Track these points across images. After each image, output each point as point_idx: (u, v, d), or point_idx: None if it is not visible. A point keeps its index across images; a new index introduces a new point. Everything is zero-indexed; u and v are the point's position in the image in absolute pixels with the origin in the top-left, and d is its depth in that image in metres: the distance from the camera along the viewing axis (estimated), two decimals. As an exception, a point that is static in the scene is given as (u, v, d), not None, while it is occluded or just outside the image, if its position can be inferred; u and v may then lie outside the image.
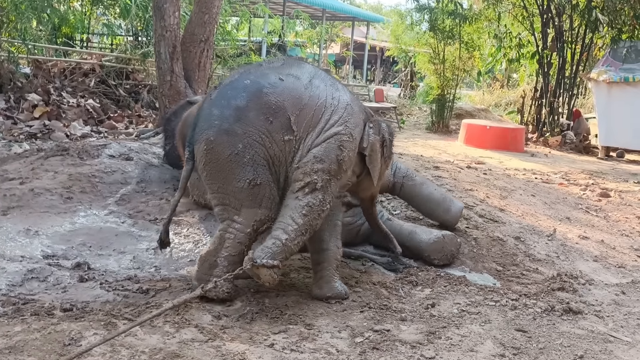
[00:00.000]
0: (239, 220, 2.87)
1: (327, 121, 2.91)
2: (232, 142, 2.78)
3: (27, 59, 8.87)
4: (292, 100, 2.86)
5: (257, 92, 2.85)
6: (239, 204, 2.85)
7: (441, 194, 4.26)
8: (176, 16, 5.98)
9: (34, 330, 2.42)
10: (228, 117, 2.81)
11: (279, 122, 2.82)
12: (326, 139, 2.88)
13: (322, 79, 3.02)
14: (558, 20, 11.18)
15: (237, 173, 2.80)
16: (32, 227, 3.67)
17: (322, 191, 2.85)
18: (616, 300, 3.39)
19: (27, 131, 6.83)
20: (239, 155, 2.78)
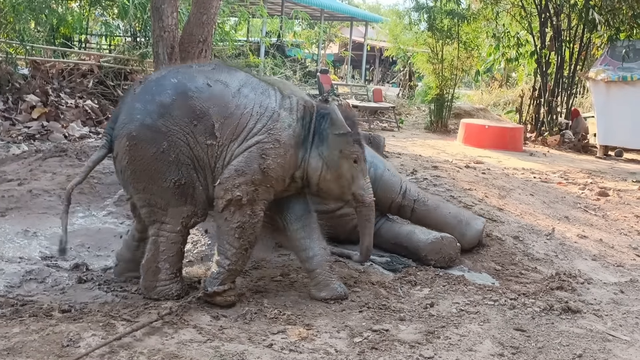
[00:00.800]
0: (167, 221, 2.84)
1: (250, 130, 2.84)
2: (157, 139, 2.73)
3: (25, 60, 8.86)
4: (217, 108, 2.81)
5: (183, 93, 2.79)
6: (165, 203, 2.81)
7: (456, 218, 3.99)
8: (174, 17, 5.96)
9: (32, 332, 2.41)
10: (151, 112, 2.75)
11: (203, 126, 2.78)
12: (247, 148, 2.82)
13: (252, 88, 2.94)
14: (556, 20, 11.20)
15: (163, 172, 2.75)
16: (30, 228, 3.67)
17: (249, 205, 2.81)
18: (615, 299, 3.39)
19: (25, 132, 6.83)
20: (164, 154, 2.74)
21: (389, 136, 10.44)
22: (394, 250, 3.87)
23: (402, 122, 12.72)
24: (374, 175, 3.79)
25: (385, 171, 3.89)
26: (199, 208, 2.88)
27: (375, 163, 3.85)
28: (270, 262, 3.53)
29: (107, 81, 8.82)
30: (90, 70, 8.89)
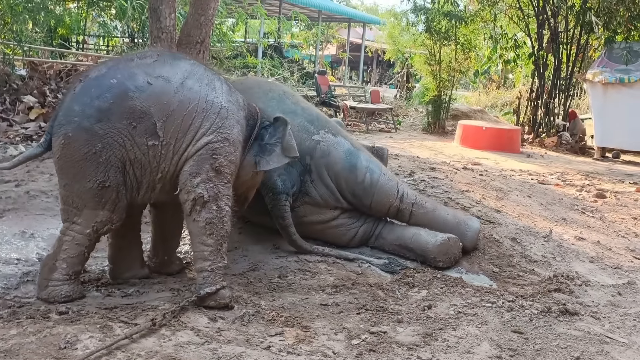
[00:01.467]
0: (79, 222, 2.80)
1: (198, 129, 2.84)
2: (91, 141, 2.71)
3: (23, 61, 8.84)
4: (159, 106, 2.77)
5: (122, 95, 2.75)
6: (82, 204, 2.78)
7: (455, 219, 4.00)
8: (172, 18, 5.96)
9: (29, 334, 2.41)
10: (89, 116, 2.72)
11: (143, 126, 2.76)
12: (197, 151, 2.84)
13: (197, 79, 2.91)
14: (553, 22, 11.22)
15: (89, 173, 2.73)
16: (27, 230, 3.66)
17: (212, 201, 2.85)
18: (612, 302, 3.39)
19: (22, 133, 6.81)
20: (95, 155, 2.72)
21: (386, 137, 10.46)
22: (397, 252, 3.86)
23: (400, 124, 12.73)
24: (370, 180, 3.79)
25: (381, 176, 3.85)
26: (116, 215, 2.84)
27: (371, 168, 3.84)
28: (267, 264, 3.52)
29: (105, 82, 8.80)
30: (88, 71, 8.87)
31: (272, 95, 3.90)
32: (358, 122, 12.26)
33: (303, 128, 3.73)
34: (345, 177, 3.73)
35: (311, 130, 3.76)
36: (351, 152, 3.81)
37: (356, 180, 3.75)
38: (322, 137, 3.75)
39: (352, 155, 3.80)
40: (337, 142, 3.79)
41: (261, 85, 4.08)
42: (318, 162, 3.68)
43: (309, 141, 3.71)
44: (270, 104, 3.77)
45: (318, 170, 3.68)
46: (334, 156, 3.73)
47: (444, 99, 11.93)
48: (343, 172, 3.73)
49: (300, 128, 3.72)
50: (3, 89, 7.56)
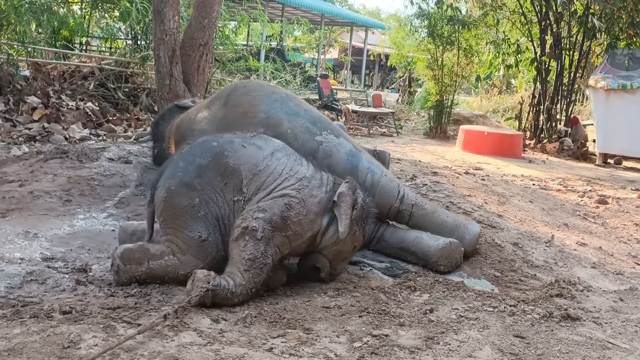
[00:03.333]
0: (180, 258, 3.05)
1: (278, 185, 3.07)
2: (191, 195, 3.01)
3: (27, 62, 8.87)
4: (248, 165, 3.08)
5: (219, 154, 3.10)
6: (187, 248, 3.04)
7: (454, 221, 4.00)
8: (176, 20, 6.00)
9: (33, 333, 2.41)
10: (191, 172, 3.05)
11: (232, 183, 3.05)
12: (273, 197, 3.03)
13: (286, 154, 3.23)
14: (556, 27, 11.24)
15: (190, 224, 3.02)
16: (31, 230, 3.67)
17: (263, 242, 2.93)
18: (614, 307, 3.39)
19: (26, 134, 6.84)
20: (194, 209, 3.01)
21: (388, 141, 10.48)
22: (399, 255, 3.87)
23: (401, 128, 12.75)
24: (372, 181, 3.80)
25: (382, 177, 3.87)
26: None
27: (372, 169, 3.85)
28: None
29: (108, 84, 8.84)
30: (91, 72, 8.91)
31: (275, 97, 3.93)
32: (360, 126, 12.29)
33: (306, 129, 3.76)
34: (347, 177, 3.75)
35: (314, 131, 3.79)
36: (353, 153, 3.84)
37: (357, 181, 3.71)
38: (324, 138, 3.78)
39: (353, 156, 3.83)
40: (339, 143, 3.82)
41: (264, 88, 4.12)
42: (321, 162, 3.68)
43: (311, 142, 3.73)
44: (274, 106, 3.81)
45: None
46: (335, 157, 3.76)
47: (446, 103, 11.95)
48: (345, 172, 3.72)
49: (303, 129, 3.75)
50: (7, 90, 7.60)
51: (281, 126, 3.72)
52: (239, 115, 3.81)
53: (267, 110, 3.80)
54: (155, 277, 3.06)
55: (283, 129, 3.71)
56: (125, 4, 9.32)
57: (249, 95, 3.96)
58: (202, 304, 2.82)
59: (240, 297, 2.92)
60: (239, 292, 2.89)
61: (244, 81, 4.44)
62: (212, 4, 6.15)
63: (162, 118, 4.64)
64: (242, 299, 2.93)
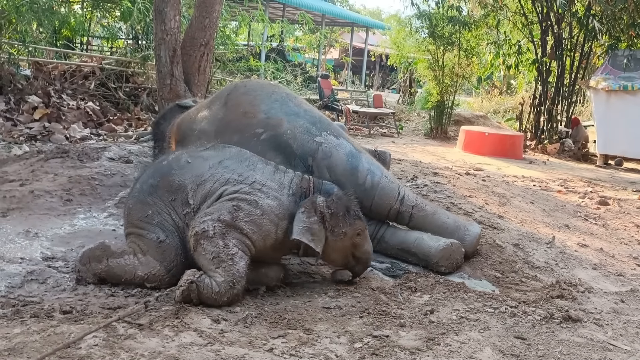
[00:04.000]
0: (140, 259, 3.08)
1: (225, 191, 3.07)
2: (144, 208, 3.13)
3: (28, 61, 8.87)
4: (192, 178, 3.13)
5: (166, 173, 3.18)
6: (147, 249, 3.09)
7: (455, 222, 3.97)
8: (177, 20, 5.99)
9: (33, 332, 2.41)
10: (144, 191, 3.18)
11: (180, 198, 3.11)
12: (221, 201, 3.04)
13: (238, 161, 3.21)
14: (557, 28, 11.24)
15: (148, 228, 3.10)
16: (31, 229, 3.67)
17: (219, 237, 2.92)
18: (615, 309, 3.39)
19: (27, 133, 6.84)
20: (148, 217, 3.11)
21: (388, 142, 10.48)
22: (400, 256, 3.86)
23: (402, 128, 12.75)
24: (372, 183, 3.78)
25: (382, 178, 3.85)
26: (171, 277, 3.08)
27: (372, 170, 3.83)
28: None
29: (109, 83, 8.84)
30: (92, 72, 8.91)
31: (275, 97, 3.92)
32: (360, 127, 12.28)
33: (306, 130, 3.75)
34: (347, 179, 3.70)
35: (314, 132, 3.77)
36: (353, 154, 3.81)
37: (357, 182, 3.73)
38: (324, 139, 3.76)
39: (353, 157, 3.80)
40: (339, 144, 3.79)
41: (264, 87, 4.10)
42: (320, 163, 3.68)
43: (311, 143, 3.72)
44: (274, 106, 3.80)
45: (320, 171, 3.67)
46: (335, 158, 3.73)
47: (447, 104, 11.95)
48: (344, 173, 3.72)
49: (303, 130, 3.73)
50: (8, 89, 7.60)
51: (281, 126, 3.71)
52: (239, 116, 3.80)
53: (267, 111, 3.78)
54: (113, 277, 3.08)
55: (282, 130, 3.70)
56: (126, 3, 9.33)
57: (249, 94, 3.94)
58: (189, 300, 2.82)
59: (227, 295, 2.88)
60: (223, 289, 2.86)
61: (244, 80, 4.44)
62: (213, 4, 6.14)
63: (163, 118, 4.64)
64: (231, 295, 2.89)
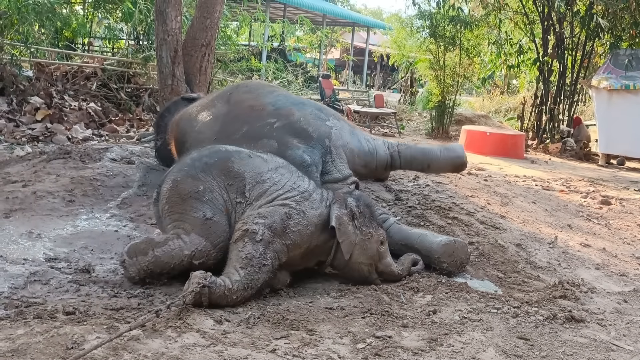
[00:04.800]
0: (184, 239, 3.07)
1: (280, 196, 3.19)
2: (195, 184, 3.13)
3: (30, 62, 8.88)
4: (252, 173, 3.22)
5: (225, 158, 3.27)
6: (191, 228, 3.09)
7: (438, 147, 4.67)
8: (178, 20, 6.00)
9: (36, 333, 2.41)
10: (197, 167, 3.21)
11: (236, 186, 3.18)
12: (274, 205, 3.15)
13: (290, 171, 3.36)
14: (559, 27, 11.22)
15: (195, 205, 3.10)
16: (34, 230, 3.67)
17: (262, 244, 2.99)
18: (618, 309, 3.38)
19: (29, 134, 6.84)
20: (199, 193, 3.11)
21: (390, 142, 10.45)
22: (404, 252, 3.87)
23: (403, 128, 12.74)
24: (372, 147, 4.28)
25: (374, 140, 4.40)
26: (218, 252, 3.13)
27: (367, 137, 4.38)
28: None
29: (111, 84, 8.84)
30: (93, 73, 8.91)
31: (276, 93, 4.28)
32: (362, 127, 12.27)
33: (316, 116, 4.07)
34: (358, 152, 4.18)
35: (322, 117, 4.10)
36: (351, 131, 4.26)
37: (365, 151, 4.23)
38: (332, 123, 4.10)
39: (353, 133, 4.24)
40: (342, 126, 4.20)
41: (265, 86, 4.46)
42: (336, 143, 3.99)
43: (324, 127, 4.02)
44: (279, 99, 4.14)
45: (337, 151, 3.99)
46: (345, 138, 4.11)
47: (448, 104, 11.94)
48: (356, 148, 4.16)
49: (314, 116, 4.06)
50: (10, 90, 7.60)
51: (293, 115, 3.96)
52: (246, 109, 4.02)
53: (274, 103, 4.07)
54: (161, 265, 3.05)
55: (295, 118, 3.95)
56: (128, 4, 9.33)
57: (252, 92, 4.24)
58: (199, 303, 2.81)
59: (238, 295, 2.90)
60: (236, 288, 2.88)
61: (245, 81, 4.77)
62: (215, 5, 6.15)
63: (167, 110, 4.78)
64: (240, 296, 2.91)
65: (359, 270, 3.38)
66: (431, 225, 4.38)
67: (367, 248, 3.34)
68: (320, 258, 3.38)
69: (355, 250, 3.31)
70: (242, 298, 2.93)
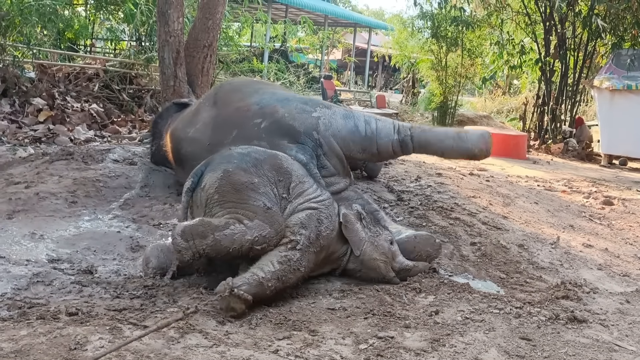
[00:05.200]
0: (247, 224, 3.03)
1: (314, 198, 3.31)
2: (249, 176, 3.14)
3: (32, 64, 8.90)
4: (297, 173, 3.35)
5: (274, 155, 3.37)
6: (254, 215, 3.06)
7: (455, 130, 4.19)
8: (180, 22, 6.01)
9: (39, 334, 2.42)
10: (247, 161, 3.22)
11: (284, 182, 3.27)
12: (308, 207, 3.25)
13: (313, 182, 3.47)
14: (561, 28, 11.22)
15: (253, 196, 3.11)
16: (37, 231, 3.68)
17: (299, 252, 3.11)
18: (621, 309, 3.38)
19: (31, 135, 6.85)
20: (254, 185, 3.13)
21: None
22: None
23: (406, 129, 12.72)
24: (371, 130, 3.97)
25: (377, 122, 4.02)
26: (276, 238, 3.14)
27: (367, 119, 4.00)
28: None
29: (113, 85, 8.85)
30: (96, 74, 8.92)
31: (262, 90, 4.15)
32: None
33: (301, 109, 3.90)
34: (352, 137, 3.92)
35: (308, 109, 3.92)
36: (347, 115, 4.02)
37: (361, 135, 3.94)
38: (320, 113, 3.92)
39: (348, 117, 4.00)
40: (333, 112, 3.97)
41: (249, 84, 4.33)
42: (325, 134, 3.84)
43: (310, 119, 3.86)
44: (263, 97, 3.99)
45: (327, 141, 3.84)
46: (336, 125, 3.90)
47: (450, 104, 11.96)
48: (349, 135, 3.91)
49: (299, 110, 3.89)
50: (12, 92, 7.61)
51: (277, 112, 3.84)
52: (233, 111, 3.93)
53: (258, 102, 3.94)
54: (220, 249, 2.99)
55: (280, 114, 3.83)
56: (130, 5, 9.34)
57: (237, 92, 4.13)
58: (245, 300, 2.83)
59: (272, 284, 2.96)
60: (269, 277, 2.95)
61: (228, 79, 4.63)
62: (216, 6, 6.15)
63: (160, 117, 4.82)
64: (273, 287, 2.97)
65: (375, 268, 3.44)
66: (433, 225, 4.38)
67: (378, 245, 3.44)
68: (333, 266, 3.47)
69: (367, 247, 3.41)
70: (275, 289, 2.98)
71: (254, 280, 2.91)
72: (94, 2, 11.11)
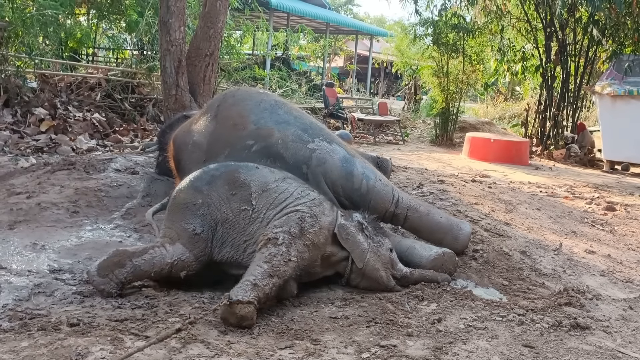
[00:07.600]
0: (167, 248, 3.14)
1: (290, 204, 3.25)
2: (194, 196, 3.23)
3: (34, 74, 8.94)
4: (258, 182, 3.30)
5: (233, 170, 3.34)
6: (177, 238, 3.17)
7: (448, 221, 4.02)
8: (182, 31, 6.04)
9: (40, 346, 2.41)
10: (203, 179, 3.30)
11: (240, 194, 3.25)
12: (286, 214, 3.21)
13: (298, 182, 3.43)
14: (561, 34, 11.23)
15: (188, 218, 3.19)
16: (38, 241, 3.68)
17: (284, 245, 3.06)
18: (624, 316, 3.36)
19: (33, 145, 6.87)
20: (196, 206, 3.20)
21: (394, 149, 10.47)
22: None
23: (407, 136, 12.74)
24: (367, 187, 3.75)
25: (377, 182, 3.82)
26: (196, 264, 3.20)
27: (366, 174, 3.80)
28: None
29: (115, 94, 8.89)
30: (98, 83, 8.97)
31: (263, 106, 3.88)
32: (366, 134, 12.29)
33: (297, 137, 3.70)
34: (342, 184, 3.70)
35: (305, 139, 3.71)
36: (347, 159, 3.77)
37: (353, 187, 3.72)
38: (317, 145, 3.71)
39: (347, 162, 3.75)
40: (333, 150, 3.75)
41: (252, 96, 4.05)
42: (315, 170, 3.65)
43: (304, 150, 3.67)
44: (263, 116, 3.78)
45: (315, 178, 3.64)
46: (330, 164, 3.69)
47: (452, 111, 11.95)
48: (340, 179, 3.69)
49: (295, 137, 3.69)
50: (14, 102, 7.65)
51: (271, 137, 3.66)
52: (229, 128, 3.77)
53: (256, 121, 3.74)
54: (141, 274, 3.10)
55: (274, 140, 3.65)
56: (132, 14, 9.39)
57: (238, 105, 3.90)
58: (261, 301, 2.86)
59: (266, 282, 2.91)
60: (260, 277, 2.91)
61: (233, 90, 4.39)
62: (218, 15, 6.18)
63: (169, 127, 4.67)
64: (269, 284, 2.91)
65: (377, 278, 3.41)
66: (435, 233, 4.36)
67: (380, 254, 3.43)
68: (338, 269, 3.43)
69: (370, 257, 3.38)
70: (273, 286, 2.94)
71: (248, 285, 2.88)
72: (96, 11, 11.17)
